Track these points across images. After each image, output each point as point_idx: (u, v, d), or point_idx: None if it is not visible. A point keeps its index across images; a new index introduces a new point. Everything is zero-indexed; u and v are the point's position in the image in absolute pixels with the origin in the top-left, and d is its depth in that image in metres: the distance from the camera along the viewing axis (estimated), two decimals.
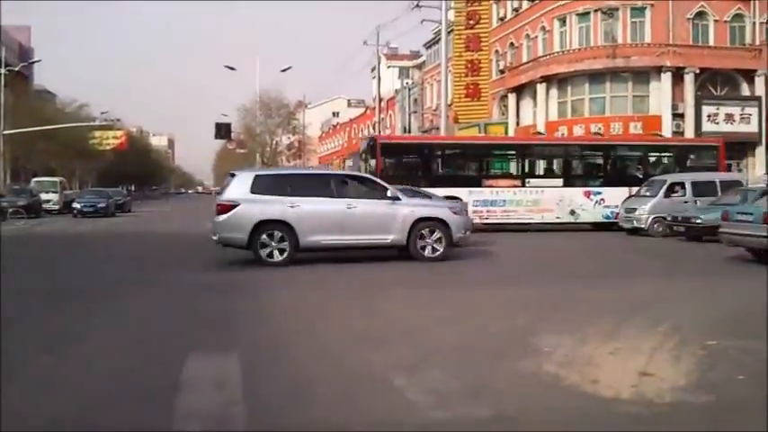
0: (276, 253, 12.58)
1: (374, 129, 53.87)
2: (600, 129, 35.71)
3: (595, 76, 36.76)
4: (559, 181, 23.71)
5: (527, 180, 23.26)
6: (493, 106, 44.89)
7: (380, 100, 52.24)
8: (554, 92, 38.41)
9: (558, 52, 38.52)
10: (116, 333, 7.15)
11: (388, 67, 70.63)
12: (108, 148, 61.16)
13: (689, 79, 35.48)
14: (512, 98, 42.23)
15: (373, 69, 51.62)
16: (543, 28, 40.15)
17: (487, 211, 22.39)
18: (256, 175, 13.47)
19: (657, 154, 26.44)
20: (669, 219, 19.09)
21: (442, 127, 31.78)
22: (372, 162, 22.69)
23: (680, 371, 5.39)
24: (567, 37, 38.56)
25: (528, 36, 41.98)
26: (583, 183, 23.64)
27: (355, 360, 5.87)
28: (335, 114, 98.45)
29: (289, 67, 57.71)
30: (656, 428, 4.32)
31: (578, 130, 36.72)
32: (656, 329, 6.75)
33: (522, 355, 5.88)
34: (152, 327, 7.50)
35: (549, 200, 22.72)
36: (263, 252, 12.53)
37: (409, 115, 59.28)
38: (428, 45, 56.93)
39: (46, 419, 4.43)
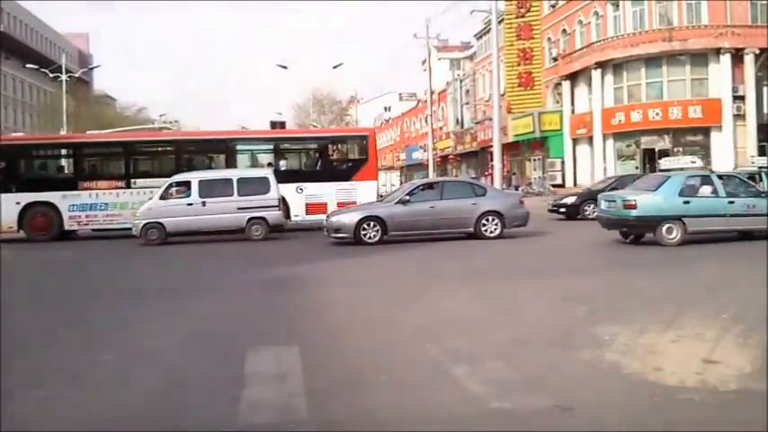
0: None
1: (426, 122, 53.73)
2: (658, 114, 34.94)
3: (652, 60, 35.91)
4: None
5: (133, 181, 21.01)
6: (547, 95, 44.31)
7: (432, 93, 52.05)
8: (609, 78, 37.68)
9: (612, 37, 37.76)
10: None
11: (439, 59, 70.27)
12: None
13: (749, 60, 34.32)
14: (566, 86, 41.61)
15: (424, 62, 51.45)
16: (596, 13, 39.43)
17: (86, 216, 20.47)
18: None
19: (294, 146, 24.33)
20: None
21: (495, 118, 31.48)
22: None
23: (745, 358, 5.28)
24: (620, 21, 37.78)
25: (580, 22, 41.28)
26: None
27: (414, 350, 5.92)
28: (387, 109, 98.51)
29: (340, 64, 58.24)
30: (723, 416, 4.25)
31: (636, 116, 35.98)
32: (720, 317, 6.62)
33: (582, 345, 5.84)
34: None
35: None
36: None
37: (461, 107, 58.98)
38: (479, 35, 56.45)
39: (112, 415, 4.61)
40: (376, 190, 22.32)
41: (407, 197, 16.63)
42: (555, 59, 43.18)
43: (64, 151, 22.66)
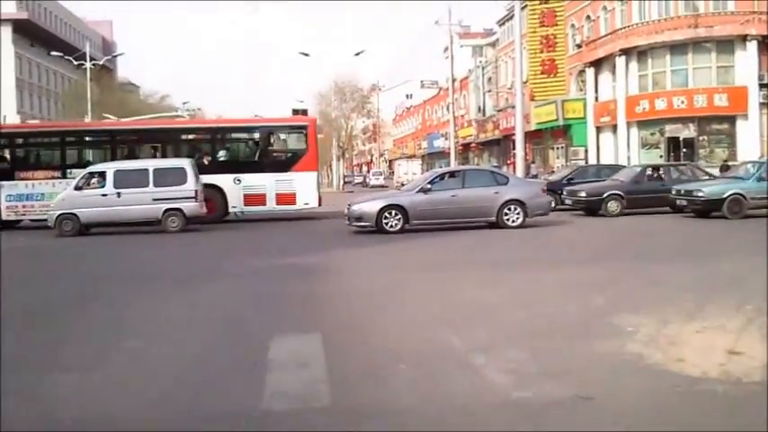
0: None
1: (447, 110, 53.53)
2: (683, 102, 34.55)
3: (677, 48, 35.45)
4: None
5: (69, 171, 20.63)
6: (570, 82, 43.95)
7: (454, 80, 51.81)
8: (634, 65, 37.26)
9: (636, 24, 37.31)
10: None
11: (461, 46, 69.84)
12: None
13: None
14: (590, 73, 41.21)
15: (446, 49, 51.19)
16: None
17: (23, 206, 20.37)
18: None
19: (233, 136, 23.73)
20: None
21: (518, 105, 31.26)
22: None
23: None
24: (645, 8, 37.30)
25: (605, 8, 40.82)
26: None
27: (435, 338, 5.95)
28: (409, 97, 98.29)
29: (362, 51, 57.91)
30: (746, 407, 4.23)
31: (660, 104, 35.57)
32: (744, 307, 6.57)
33: (603, 335, 5.84)
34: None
35: None
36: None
37: (483, 95, 58.70)
38: (501, 22, 56.06)
39: (134, 400, 4.70)
40: (316, 182, 21.88)
41: (429, 186, 16.62)
42: (579, 46, 42.76)
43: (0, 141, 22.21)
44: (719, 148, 32.27)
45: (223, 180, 20.21)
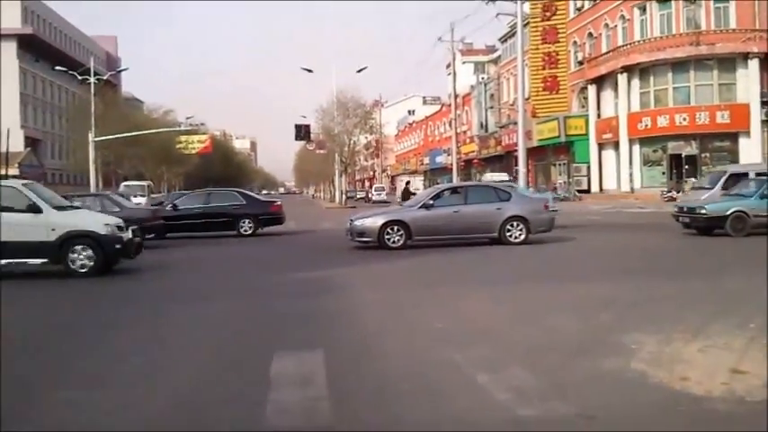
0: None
1: (450, 126, 53.66)
2: (685, 119, 34.62)
3: (678, 65, 35.63)
4: None
5: None
6: (572, 99, 44.11)
7: (456, 96, 51.99)
8: (636, 82, 37.44)
9: (638, 41, 37.51)
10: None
11: (464, 62, 70.26)
12: (193, 152, 63.02)
13: None
14: (592, 90, 41.38)
15: (448, 66, 51.40)
16: (623, 17, 39.18)
17: None
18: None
19: None
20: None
21: (520, 122, 31.39)
22: None
23: None
24: (647, 25, 37.52)
25: (607, 26, 41.04)
26: None
27: (439, 355, 5.93)
28: (411, 112, 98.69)
29: (364, 68, 58.17)
30: (749, 427, 4.22)
31: (662, 121, 35.73)
32: (748, 326, 6.55)
33: (607, 353, 5.82)
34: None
35: None
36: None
37: (486, 111, 58.88)
38: (503, 39, 56.33)
39: (137, 416, 4.68)
40: None
41: (431, 201, 16.63)
42: (581, 63, 42.96)
43: None
44: (721, 165, 32.28)
45: None
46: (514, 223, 16.28)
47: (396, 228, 16.04)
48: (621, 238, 18.23)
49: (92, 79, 47.21)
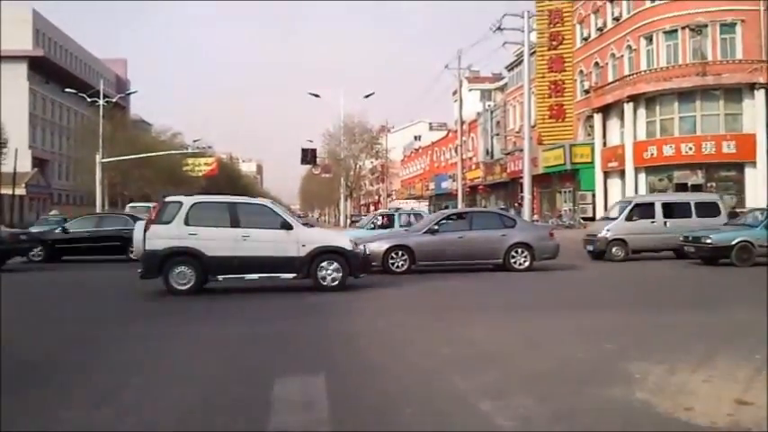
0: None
1: (456, 152, 53.80)
2: (691, 148, 34.65)
3: (685, 95, 35.72)
4: None
5: None
6: (578, 127, 44.22)
7: (462, 123, 52.18)
8: (642, 111, 37.51)
9: (645, 71, 37.65)
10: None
11: (470, 90, 70.62)
12: (200, 174, 63.30)
13: None
14: (598, 118, 41.47)
15: (455, 93, 51.69)
16: (629, 47, 39.36)
17: None
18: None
19: None
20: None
21: (526, 149, 31.48)
22: None
23: None
24: (654, 55, 37.67)
25: (613, 55, 41.24)
26: None
27: (442, 381, 5.91)
28: (417, 138, 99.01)
29: (371, 93, 58.70)
30: None
31: (668, 150, 35.74)
32: (753, 357, 6.51)
33: (612, 382, 5.79)
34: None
35: None
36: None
37: (492, 138, 59.01)
38: (510, 67, 56.65)
39: None
40: None
41: (436, 227, 16.64)
42: (587, 92, 43.13)
43: None
44: (727, 195, 32.25)
45: None
46: (519, 250, 16.28)
47: (400, 252, 16.05)
48: (626, 266, 18.18)
49: (101, 101, 47.61)
